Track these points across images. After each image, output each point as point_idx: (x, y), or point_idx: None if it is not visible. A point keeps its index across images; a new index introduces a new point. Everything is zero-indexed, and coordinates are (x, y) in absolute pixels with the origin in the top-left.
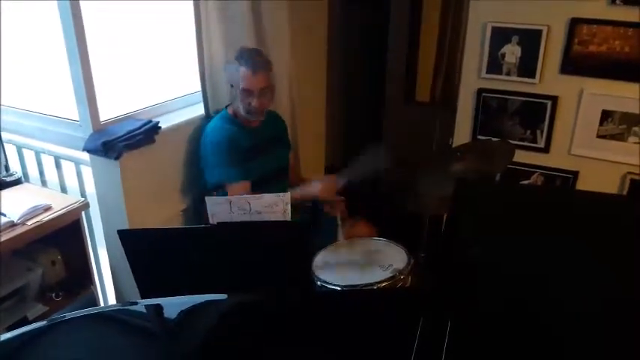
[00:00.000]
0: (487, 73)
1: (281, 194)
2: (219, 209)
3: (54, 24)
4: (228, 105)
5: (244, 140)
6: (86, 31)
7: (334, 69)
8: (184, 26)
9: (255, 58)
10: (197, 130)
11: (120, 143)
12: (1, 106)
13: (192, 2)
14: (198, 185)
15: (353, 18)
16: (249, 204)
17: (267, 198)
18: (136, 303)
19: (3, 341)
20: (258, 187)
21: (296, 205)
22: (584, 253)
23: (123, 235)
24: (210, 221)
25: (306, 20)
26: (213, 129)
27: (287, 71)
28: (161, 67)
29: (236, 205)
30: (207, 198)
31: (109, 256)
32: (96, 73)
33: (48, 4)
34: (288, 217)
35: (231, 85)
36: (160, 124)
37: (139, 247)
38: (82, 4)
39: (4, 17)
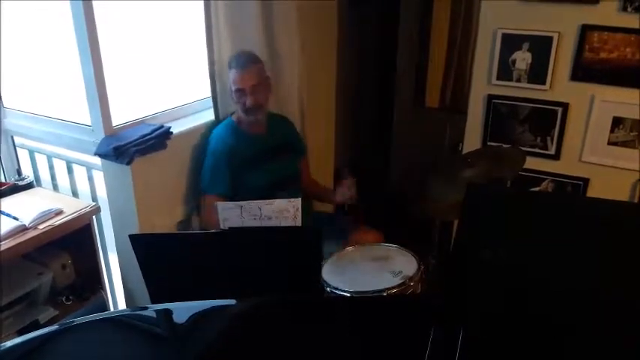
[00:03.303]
0: (497, 79)
1: (292, 200)
2: (230, 214)
3: (67, 29)
4: (234, 113)
5: (247, 149)
6: (99, 35)
7: (344, 73)
8: (195, 30)
9: (242, 57)
10: (204, 135)
11: (131, 148)
12: (14, 111)
13: (202, 3)
14: None
15: (363, 22)
16: (260, 209)
17: (278, 203)
18: (146, 308)
19: (15, 345)
20: (265, 195)
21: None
22: (596, 260)
23: (134, 239)
24: (222, 226)
25: (316, 23)
26: (215, 137)
27: (297, 74)
28: (173, 72)
29: (247, 211)
30: (218, 203)
31: (119, 261)
32: (108, 78)
33: (61, 8)
34: (299, 223)
35: (231, 93)
36: (171, 130)
37: (150, 252)
38: (94, 6)
39: (20, 22)
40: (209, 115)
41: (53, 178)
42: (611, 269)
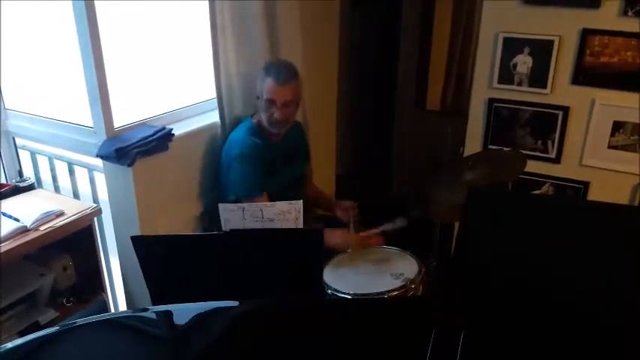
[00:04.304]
0: (498, 83)
1: (293, 202)
2: (232, 216)
3: (69, 30)
4: (253, 115)
5: (267, 153)
6: (101, 36)
7: (345, 75)
8: (199, 31)
9: (283, 70)
10: (213, 137)
11: (133, 150)
12: (15, 112)
13: (207, 3)
14: (211, 192)
15: (364, 24)
16: (262, 211)
17: (280, 206)
18: (146, 309)
19: (15, 347)
20: (275, 199)
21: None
22: (598, 263)
23: (136, 241)
24: (223, 228)
25: (317, 25)
26: (237, 141)
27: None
28: (175, 74)
29: (249, 213)
30: (220, 205)
31: (120, 263)
32: (110, 80)
33: (63, 8)
34: (300, 225)
35: (257, 97)
36: (173, 131)
37: (151, 254)
38: (96, 7)
39: (21, 23)
40: (211, 117)
41: (54, 179)
42: (612, 272)
